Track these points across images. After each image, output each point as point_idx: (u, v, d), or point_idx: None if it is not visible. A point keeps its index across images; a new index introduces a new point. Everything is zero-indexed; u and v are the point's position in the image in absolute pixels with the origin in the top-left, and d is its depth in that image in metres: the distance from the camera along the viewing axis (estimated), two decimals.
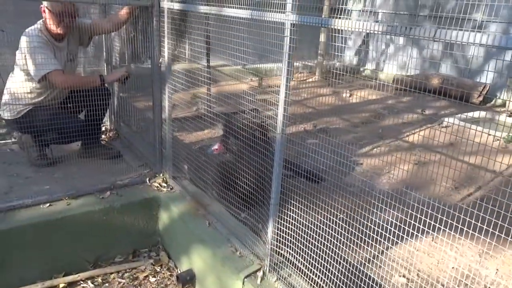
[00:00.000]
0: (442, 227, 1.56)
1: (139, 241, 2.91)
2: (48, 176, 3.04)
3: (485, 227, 1.46)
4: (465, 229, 1.49)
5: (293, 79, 7.00)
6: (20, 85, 2.98)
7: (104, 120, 3.65)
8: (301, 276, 1.97)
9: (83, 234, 2.67)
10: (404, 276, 2.34)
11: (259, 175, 2.26)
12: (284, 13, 1.69)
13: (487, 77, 5.68)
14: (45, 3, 2.85)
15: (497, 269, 2.47)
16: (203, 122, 4.17)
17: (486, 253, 2.58)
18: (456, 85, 5.72)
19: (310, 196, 2.00)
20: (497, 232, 1.44)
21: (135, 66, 4.33)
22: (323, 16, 6.20)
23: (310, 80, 7.06)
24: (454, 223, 1.52)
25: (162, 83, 2.89)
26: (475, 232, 1.49)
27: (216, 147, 2.83)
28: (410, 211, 1.66)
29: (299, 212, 1.94)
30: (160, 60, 2.86)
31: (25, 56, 2.86)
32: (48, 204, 2.65)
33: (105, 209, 2.71)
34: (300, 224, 1.93)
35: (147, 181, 3.05)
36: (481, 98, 5.65)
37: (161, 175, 3.12)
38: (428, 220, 1.60)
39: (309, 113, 5.37)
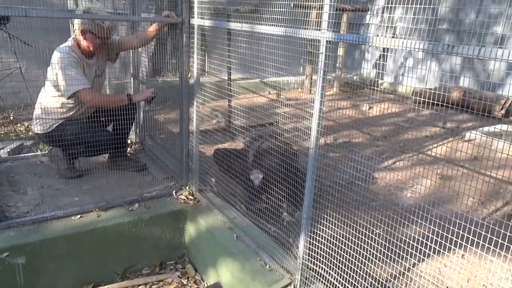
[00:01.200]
0: (470, 244, 1.54)
1: (166, 254, 2.94)
2: (77, 188, 3.10)
3: None
4: (496, 245, 1.48)
5: (312, 92, 7.03)
6: (52, 100, 3.07)
7: (129, 133, 3.72)
8: None
9: (113, 246, 2.70)
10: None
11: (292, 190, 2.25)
12: (320, 30, 1.72)
13: (509, 90, 5.62)
14: (87, 26, 2.93)
15: None
16: (228, 134, 4.21)
17: None
18: (477, 98, 5.66)
19: (342, 210, 2.00)
20: None
21: (161, 80, 4.42)
22: (341, 31, 6.24)
23: (329, 93, 7.07)
24: (484, 239, 1.50)
25: (191, 97, 2.95)
26: (508, 247, 1.47)
27: (260, 176, 2.69)
28: (439, 224, 1.65)
29: (332, 226, 1.94)
30: (189, 74, 2.92)
31: (56, 72, 2.95)
32: (79, 216, 2.70)
33: (134, 221, 2.75)
34: (332, 238, 1.93)
35: (174, 194, 3.09)
36: (503, 111, 5.58)
37: (187, 188, 3.16)
38: (456, 236, 1.58)
39: (330, 126, 5.38)
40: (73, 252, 2.57)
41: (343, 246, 1.92)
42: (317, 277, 2.05)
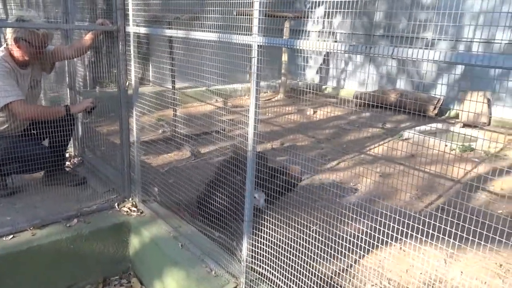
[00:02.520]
0: (410, 234, 1.64)
1: (110, 269, 2.83)
2: (9, 206, 2.91)
3: (448, 231, 1.55)
4: (431, 234, 1.58)
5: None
6: None
7: (68, 146, 3.56)
8: None
9: (51, 265, 2.56)
10: (376, 284, 2.41)
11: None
12: (251, 35, 1.76)
13: (441, 91, 6.03)
14: (20, 34, 2.78)
15: (461, 272, 2.60)
16: (172, 144, 4.15)
17: (450, 257, 2.70)
18: (412, 99, 6.02)
19: (282, 210, 2.04)
20: (458, 236, 1.53)
21: (100, 90, 4.28)
22: (284, 37, 6.40)
23: (275, 99, 7.21)
24: (421, 229, 1.60)
25: (130, 106, 2.88)
26: (439, 237, 1.58)
27: (264, 196, 2.55)
28: (379, 220, 1.73)
29: (273, 227, 1.97)
30: (127, 83, 2.86)
31: None
32: (11, 236, 2.54)
33: (73, 237, 2.63)
34: (274, 239, 1.96)
35: (116, 206, 2.99)
36: (436, 111, 5.98)
37: (130, 199, 3.07)
38: (394, 230, 1.68)
39: (276, 131, 5.48)
40: (7, 275, 2.40)
41: (286, 247, 1.96)
42: (261, 279, 2.07)
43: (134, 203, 3.02)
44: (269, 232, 1.96)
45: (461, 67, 5.92)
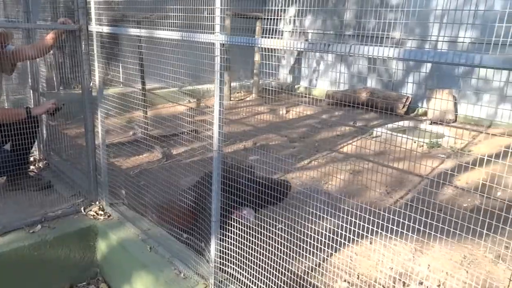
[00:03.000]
0: (379, 230, 1.66)
1: (77, 275, 2.75)
2: None
3: (416, 227, 1.58)
4: (399, 230, 1.60)
5: (232, 98, 7.11)
6: None
7: (32, 150, 3.44)
8: None
9: (13, 273, 2.46)
10: (345, 280, 2.44)
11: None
12: (213, 33, 1.74)
13: (408, 89, 6.18)
14: None
15: (428, 265, 2.66)
16: (142, 146, 4.08)
17: (418, 250, 2.77)
18: (382, 98, 6.15)
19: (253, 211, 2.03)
20: (427, 230, 1.55)
21: (66, 92, 4.16)
22: (255, 36, 6.41)
23: (248, 99, 7.20)
24: (390, 226, 1.62)
25: (94, 108, 2.81)
26: (408, 232, 1.60)
27: (253, 213, 2.47)
28: (351, 216, 1.75)
29: (241, 227, 1.96)
30: (91, 84, 2.78)
31: None
32: None
33: (36, 244, 2.54)
34: (242, 239, 1.95)
35: (82, 211, 2.91)
36: (405, 109, 6.12)
37: (97, 203, 2.99)
38: (365, 225, 1.69)
39: (248, 131, 5.47)
40: None
41: (254, 247, 1.95)
42: (230, 279, 2.06)
43: (101, 206, 2.95)
44: (237, 232, 1.95)
45: (428, 66, 6.09)
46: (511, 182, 2.73)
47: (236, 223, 1.95)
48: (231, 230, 1.95)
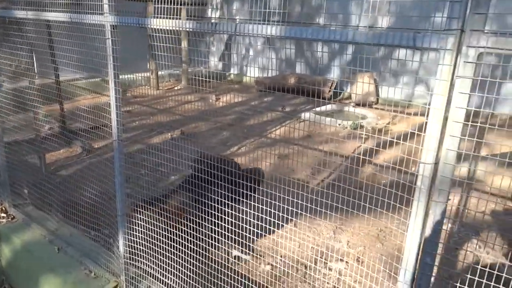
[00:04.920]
0: (303, 212, 1.64)
1: None
2: None
3: (337, 205, 1.59)
4: (322, 210, 1.60)
5: (160, 87, 6.87)
6: None
7: None
8: (162, 285, 1.90)
9: None
10: (269, 263, 2.45)
11: None
12: (102, 14, 1.61)
13: (333, 74, 6.37)
14: None
15: (348, 241, 2.77)
16: (59, 141, 3.79)
17: (339, 228, 2.87)
18: (309, 83, 6.27)
19: (160, 202, 1.95)
20: (348, 208, 1.56)
21: None
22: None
23: (177, 88, 7.01)
24: (313, 207, 1.62)
25: None
26: (330, 211, 1.60)
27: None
28: (276, 199, 1.72)
29: (150, 220, 1.87)
30: None
31: None
32: None
33: None
34: (152, 232, 1.87)
35: None
36: (331, 93, 6.30)
37: None
38: (289, 208, 1.67)
39: (177, 120, 5.33)
40: None
41: (166, 240, 1.87)
42: (142, 275, 1.97)
43: (3, 208, 2.69)
44: (145, 226, 1.86)
45: (352, 50, 6.30)
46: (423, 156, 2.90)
47: (143, 216, 1.86)
48: (138, 223, 1.86)
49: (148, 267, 1.90)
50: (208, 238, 1.78)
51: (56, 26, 2.30)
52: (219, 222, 1.77)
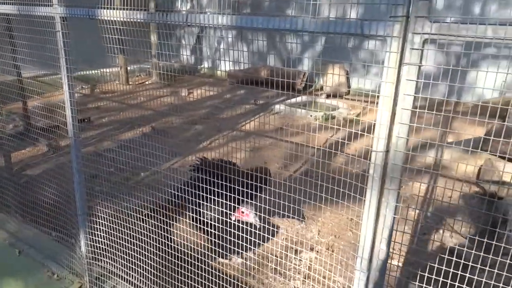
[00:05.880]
0: (276, 210, 1.63)
1: None
2: None
3: (309, 196, 1.58)
4: (297, 199, 1.59)
5: (130, 82, 6.73)
6: None
7: None
8: (126, 284, 1.86)
9: None
10: (241, 256, 2.44)
11: None
12: (51, 6, 1.54)
13: (304, 65, 6.38)
14: None
15: (319, 231, 2.79)
16: (27, 139, 3.66)
17: (310, 218, 2.88)
18: (281, 75, 6.26)
19: (119, 200, 1.89)
20: (323, 195, 1.56)
21: None
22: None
23: (148, 82, 6.88)
24: (286, 202, 1.61)
25: None
26: (300, 204, 1.59)
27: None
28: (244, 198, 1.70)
29: (111, 218, 1.82)
30: None
31: None
32: None
33: None
34: (114, 230, 1.82)
35: None
36: (303, 85, 6.32)
37: None
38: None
39: (148, 115, 5.23)
40: None
41: (127, 238, 1.82)
42: (106, 274, 1.92)
43: None
44: (107, 224, 1.81)
45: (322, 42, 6.32)
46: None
47: (105, 215, 1.80)
48: (100, 222, 1.81)
49: (113, 267, 1.86)
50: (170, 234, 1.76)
51: (16, 21, 2.19)
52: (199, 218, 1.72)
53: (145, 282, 1.78)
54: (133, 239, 1.79)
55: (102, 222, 1.79)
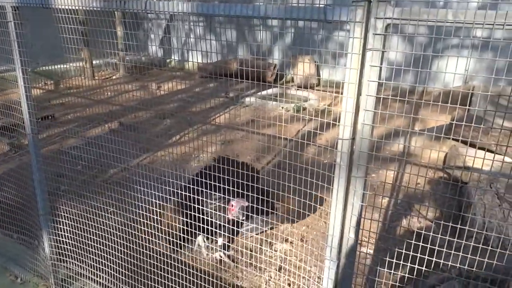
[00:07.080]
0: (250, 204, 1.59)
1: None
2: None
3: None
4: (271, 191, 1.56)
5: (96, 77, 6.52)
6: None
7: None
8: (94, 285, 1.80)
9: None
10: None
11: None
12: None
13: (274, 56, 6.36)
14: None
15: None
16: None
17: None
18: (251, 67, 6.23)
19: (85, 199, 1.82)
20: (293, 187, 1.54)
21: None
22: None
23: (115, 77, 6.69)
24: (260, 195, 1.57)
25: None
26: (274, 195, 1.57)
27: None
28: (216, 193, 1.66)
29: (75, 217, 1.75)
30: None
31: None
32: None
33: None
34: (79, 230, 1.75)
35: None
36: (273, 77, 6.31)
37: None
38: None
39: (115, 111, 5.08)
40: None
41: (94, 237, 1.75)
42: (72, 276, 1.85)
43: None
44: (72, 224, 1.74)
45: (291, 34, 6.32)
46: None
47: (69, 214, 1.73)
48: (65, 222, 1.73)
49: (80, 268, 1.79)
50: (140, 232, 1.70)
51: None
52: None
53: (114, 282, 1.73)
54: (101, 238, 1.73)
55: (67, 222, 1.71)
